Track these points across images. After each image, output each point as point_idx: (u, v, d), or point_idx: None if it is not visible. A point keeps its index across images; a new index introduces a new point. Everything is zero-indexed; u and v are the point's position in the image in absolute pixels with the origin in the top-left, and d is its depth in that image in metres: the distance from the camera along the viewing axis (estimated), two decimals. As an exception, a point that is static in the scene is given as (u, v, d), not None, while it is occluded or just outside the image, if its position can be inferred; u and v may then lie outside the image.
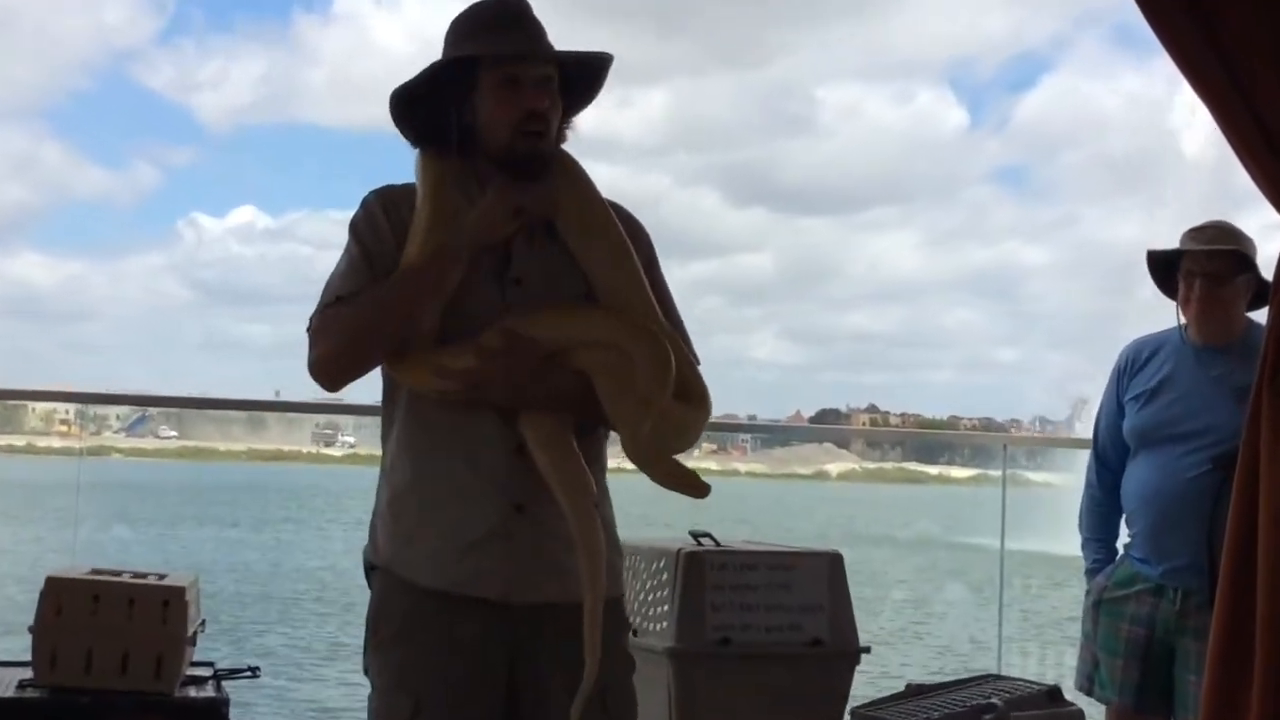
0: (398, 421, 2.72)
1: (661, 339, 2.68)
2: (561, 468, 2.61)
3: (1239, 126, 3.57)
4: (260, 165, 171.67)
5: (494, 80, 2.66)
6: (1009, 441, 7.31)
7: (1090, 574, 4.24)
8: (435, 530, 2.64)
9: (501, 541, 2.61)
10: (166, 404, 7.61)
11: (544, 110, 2.66)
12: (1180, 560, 3.98)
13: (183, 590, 3.09)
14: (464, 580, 2.61)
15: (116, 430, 28.13)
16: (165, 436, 33.70)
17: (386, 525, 2.71)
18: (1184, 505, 3.96)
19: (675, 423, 2.67)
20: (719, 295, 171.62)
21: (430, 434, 2.66)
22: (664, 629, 3.36)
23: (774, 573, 3.41)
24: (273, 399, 8.49)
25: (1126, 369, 4.21)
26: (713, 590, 3.36)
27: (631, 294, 2.72)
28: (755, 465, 37.92)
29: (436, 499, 2.65)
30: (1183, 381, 4.07)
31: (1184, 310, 4.12)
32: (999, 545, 5.80)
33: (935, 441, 37.08)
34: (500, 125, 2.66)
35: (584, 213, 2.75)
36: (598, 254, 2.72)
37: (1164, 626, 4.02)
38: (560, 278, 2.70)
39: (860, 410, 68.33)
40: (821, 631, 3.40)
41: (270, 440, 35.87)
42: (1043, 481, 10.05)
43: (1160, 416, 4.07)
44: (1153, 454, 4.07)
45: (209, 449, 36.57)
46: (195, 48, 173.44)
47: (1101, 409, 4.27)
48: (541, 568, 2.63)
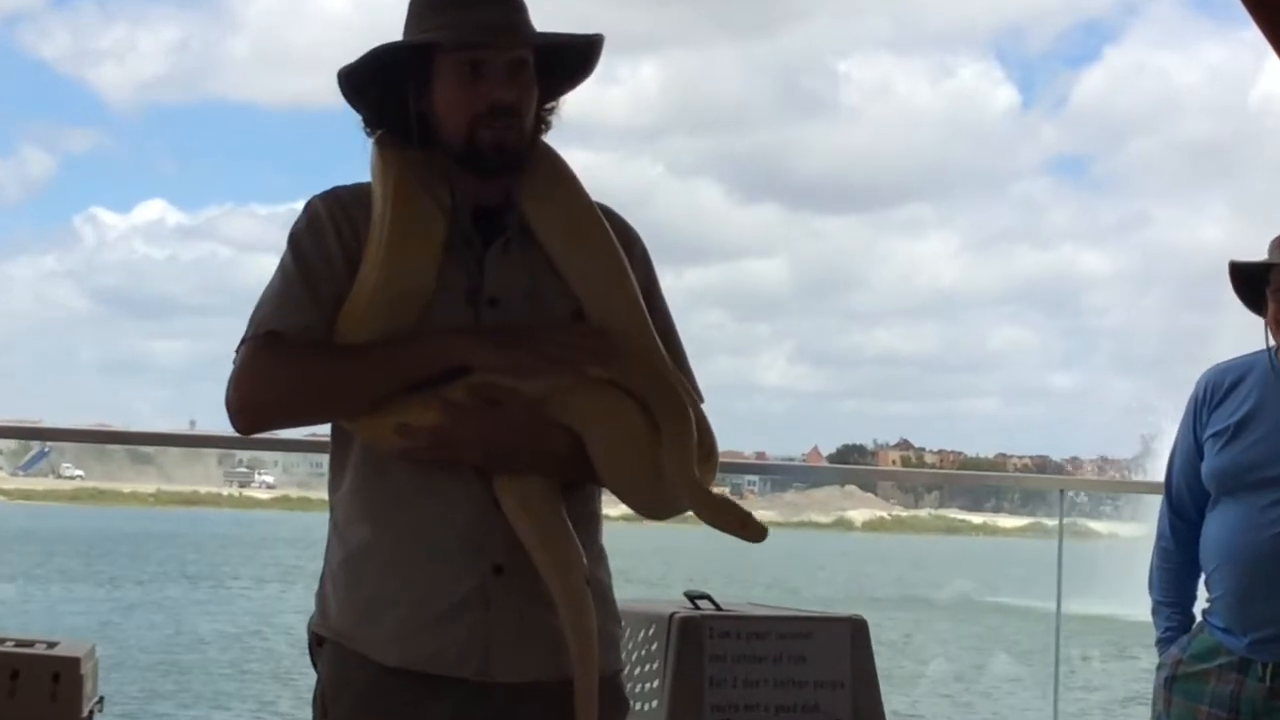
0: (351, 469, 2.70)
1: (668, 377, 2.69)
2: (547, 540, 2.60)
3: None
4: (173, 151, 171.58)
5: (454, 65, 2.65)
6: (1067, 485, 7.35)
7: (1162, 644, 4.25)
8: (400, 598, 2.62)
9: (478, 609, 2.60)
10: (53, 437, 7.60)
11: (511, 102, 2.65)
12: (1271, 630, 3.99)
13: (77, 661, 3.09)
14: (434, 656, 2.60)
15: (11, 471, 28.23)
16: (69, 475, 33.76)
17: (340, 591, 2.68)
18: (1275, 564, 3.97)
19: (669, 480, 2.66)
20: (722, 309, 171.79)
21: (391, 484, 2.64)
22: (654, 708, 3.37)
23: (785, 642, 3.42)
24: (186, 430, 8.51)
25: (1206, 400, 4.22)
26: (712, 662, 3.37)
27: (627, 319, 2.71)
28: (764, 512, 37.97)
29: (400, 561, 2.64)
30: (1273, 415, 4.09)
31: (1274, 331, 4.13)
32: (1055, 608, 5.82)
33: (979, 485, 37.15)
34: (459, 116, 2.65)
35: (570, 219, 2.75)
36: (586, 269, 2.72)
37: (1250, 708, 4.03)
38: (543, 296, 2.69)
39: (890, 447, 68.32)
40: (843, 712, 3.41)
41: (183, 480, 35.91)
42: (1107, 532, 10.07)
43: (1246, 457, 4.08)
44: (1238, 502, 4.08)
45: (111, 491, 36.55)
46: (96, 11, 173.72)
47: (1176, 448, 4.28)
48: (525, 639, 2.62)
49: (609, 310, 2.70)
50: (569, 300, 2.69)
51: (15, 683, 3.04)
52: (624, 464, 2.64)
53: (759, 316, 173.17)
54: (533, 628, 2.62)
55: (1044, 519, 10.81)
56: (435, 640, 2.60)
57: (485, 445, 2.58)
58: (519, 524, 2.58)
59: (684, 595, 3.57)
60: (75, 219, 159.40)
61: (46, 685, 3.05)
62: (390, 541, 2.64)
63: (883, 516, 43.49)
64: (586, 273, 2.71)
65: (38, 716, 3.02)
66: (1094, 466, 45.06)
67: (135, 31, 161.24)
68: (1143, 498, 4.89)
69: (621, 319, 2.70)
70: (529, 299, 2.67)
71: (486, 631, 2.60)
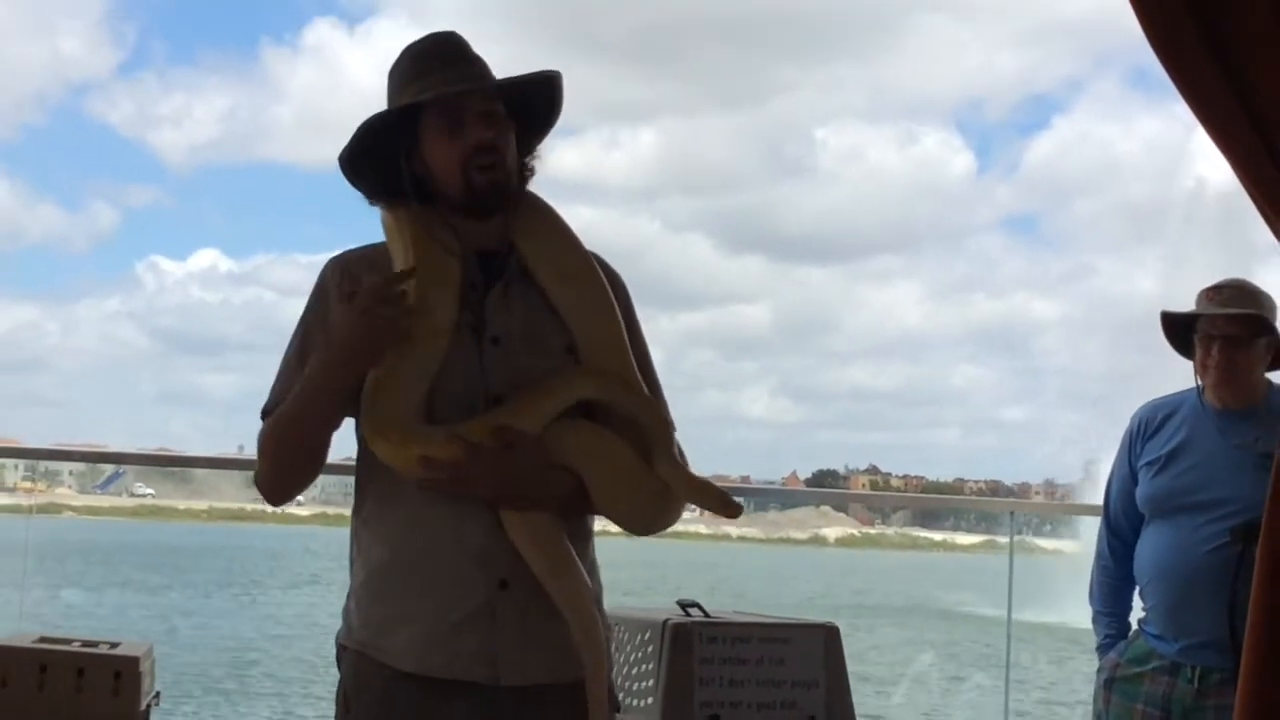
0: (371, 497, 2.71)
1: (646, 395, 2.70)
2: (555, 569, 2.60)
3: (1261, 180, 3.60)
4: (224, 206, 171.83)
5: (435, 123, 2.66)
6: (1016, 507, 7.35)
7: (1102, 650, 4.24)
8: (414, 614, 2.61)
9: (486, 620, 2.59)
10: (120, 460, 7.60)
11: (490, 141, 2.65)
12: (1198, 637, 3.98)
13: (136, 660, 3.08)
14: (447, 664, 2.58)
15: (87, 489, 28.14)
16: (140, 494, 33.70)
17: (362, 607, 2.68)
18: (1202, 578, 3.96)
19: (655, 495, 2.68)
20: (711, 348, 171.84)
21: (407, 509, 2.63)
22: (649, 705, 3.35)
23: (767, 646, 3.41)
24: (235, 454, 8.49)
25: (1140, 433, 4.22)
26: (701, 664, 3.36)
27: (612, 349, 2.72)
28: (748, 530, 37.90)
29: (415, 579, 2.62)
30: (1200, 447, 4.09)
31: (1201, 373, 4.13)
32: (1006, 616, 5.81)
33: (940, 506, 37.11)
34: (451, 166, 2.66)
35: (563, 258, 2.74)
36: (579, 306, 2.71)
37: (1180, 707, 4.02)
38: (542, 334, 2.69)
39: (860, 472, 68.26)
40: (817, 710, 3.40)
41: (231, 498, 35.83)
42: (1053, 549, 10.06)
43: (1176, 484, 4.08)
44: (1168, 524, 4.08)
45: (168, 508, 36.49)
46: (156, 81, 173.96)
47: (1113, 475, 4.28)
48: (530, 646, 2.60)
49: (597, 343, 2.71)
50: (563, 335, 2.70)
51: (81, 680, 3.03)
52: (616, 495, 2.65)
53: (744, 356, 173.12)
54: (536, 636, 2.61)
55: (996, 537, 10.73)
56: (448, 649, 2.59)
57: (498, 485, 2.57)
58: (528, 554, 2.58)
59: (676, 604, 3.56)
60: (137, 266, 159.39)
61: (109, 682, 3.04)
62: (406, 561, 2.63)
63: (853, 534, 43.35)
64: (579, 310, 2.71)
65: (101, 711, 3.01)
66: (1041, 490, 44.93)
67: (191, 100, 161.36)
68: (1084, 519, 4.89)
69: (608, 350, 2.71)
70: (526, 337, 2.67)
71: (494, 640, 2.59)
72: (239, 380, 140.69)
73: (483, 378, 2.63)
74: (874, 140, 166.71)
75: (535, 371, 2.65)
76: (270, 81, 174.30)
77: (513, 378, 2.64)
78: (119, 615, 23.50)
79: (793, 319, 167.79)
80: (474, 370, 2.63)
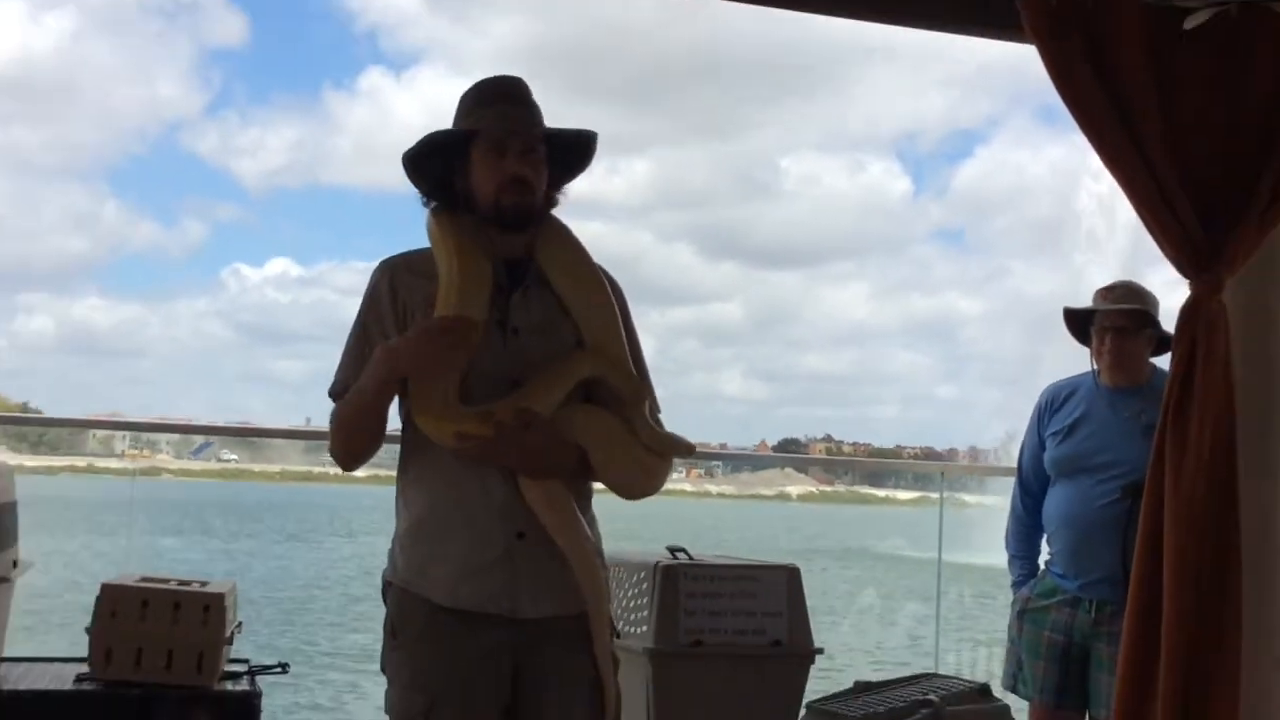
0: (413, 462, 2.71)
1: (634, 376, 2.72)
2: (565, 526, 2.62)
3: (1145, 199, 3.60)
4: (293, 222, 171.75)
5: (483, 149, 2.67)
6: (945, 469, 7.32)
7: (1016, 586, 4.24)
8: (448, 557, 2.63)
9: (506, 564, 2.61)
10: (208, 432, 7.58)
11: (524, 175, 2.66)
12: (1095, 575, 3.99)
13: (222, 596, 3.08)
14: (474, 599, 2.60)
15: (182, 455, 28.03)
16: (225, 460, 33.59)
17: (405, 550, 2.69)
18: (1098, 528, 3.97)
19: (646, 465, 2.69)
20: (694, 339, 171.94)
21: (442, 472, 2.64)
22: (644, 632, 3.36)
23: (740, 583, 3.41)
24: (303, 427, 8.46)
25: (1046, 408, 4.23)
26: (686, 598, 3.36)
27: (611, 341, 2.73)
28: (725, 488, 37.86)
29: (448, 529, 2.64)
30: (1096, 420, 4.09)
31: (1096, 359, 4.14)
32: (937, 558, 5.81)
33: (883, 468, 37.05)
34: (487, 187, 2.66)
35: (575, 268, 2.75)
36: (585, 308, 2.73)
37: (1080, 633, 4.02)
38: (552, 326, 2.70)
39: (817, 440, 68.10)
40: (781, 634, 3.40)
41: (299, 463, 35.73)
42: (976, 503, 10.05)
43: (1076, 450, 4.08)
44: (1070, 482, 4.09)
45: (248, 470, 36.36)
46: (237, 118, 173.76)
47: (1025, 443, 4.28)
48: (541, 586, 2.62)
49: (600, 337, 2.72)
50: (572, 330, 2.71)
51: (177, 613, 3.02)
52: (611, 467, 2.67)
53: (722, 345, 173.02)
54: (546, 577, 2.62)
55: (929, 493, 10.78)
56: (476, 587, 2.60)
57: (519, 457, 2.58)
58: (542, 514, 2.60)
59: (666, 549, 3.56)
60: (222, 272, 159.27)
61: (200, 615, 3.03)
62: (442, 514, 2.64)
63: (812, 491, 43.24)
64: (586, 310, 2.73)
65: (193, 639, 3.01)
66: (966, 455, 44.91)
67: (265, 133, 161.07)
68: (1001, 478, 4.89)
69: (608, 342, 2.72)
70: (541, 331, 2.68)
71: (513, 580, 2.60)
72: (306, 366, 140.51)
73: (506, 362, 2.64)
74: (828, 168, 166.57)
75: (548, 359, 2.66)
76: (331, 118, 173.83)
77: (529, 363, 2.65)
78: (207, 559, 23.47)
79: (762, 314, 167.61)
80: (499, 356, 2.64)
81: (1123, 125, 3.58)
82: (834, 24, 4.39)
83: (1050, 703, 4.08)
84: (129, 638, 2.99)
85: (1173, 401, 3.57)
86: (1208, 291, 3.59)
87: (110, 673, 2.98)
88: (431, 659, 2.61)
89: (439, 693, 2.59)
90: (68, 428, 7.58)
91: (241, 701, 2.98)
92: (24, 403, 51.37)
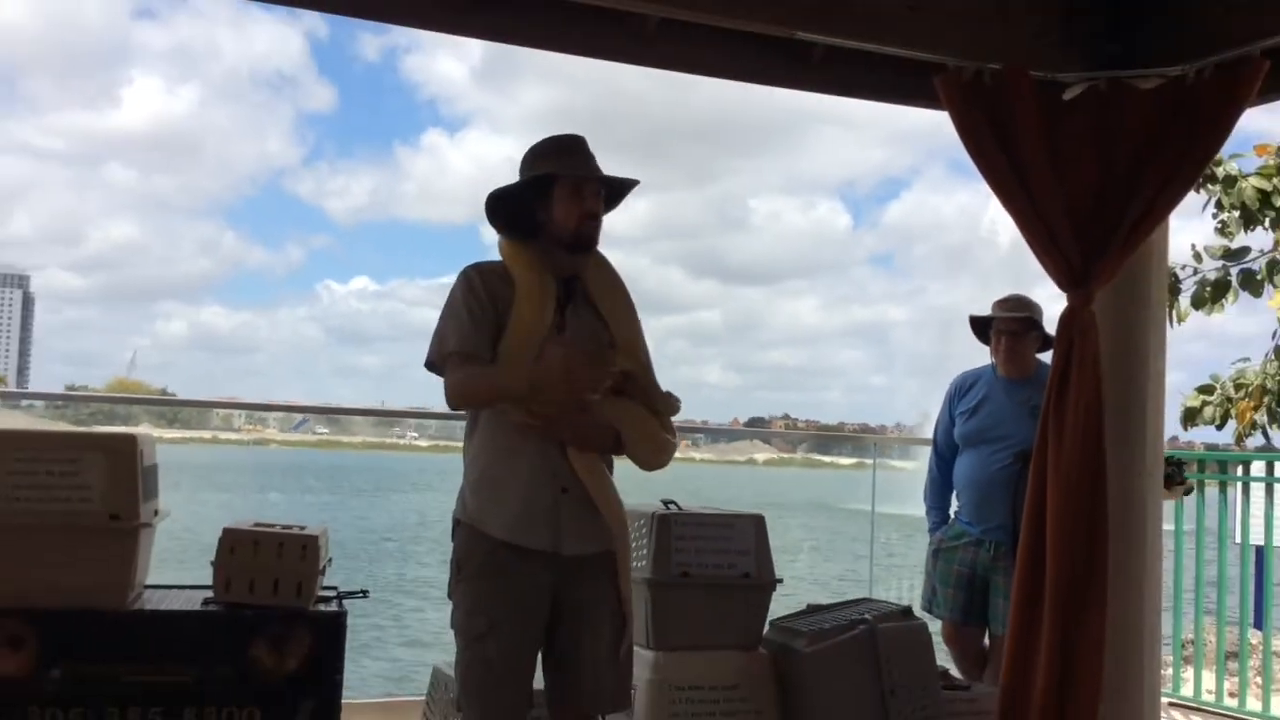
0: (479, 430, 2.72)
1: (655, 382, 2.77)
2: (602, 488, 2.66)
3: (1033, 231, 3.60)
4: (372, 248, 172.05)
5: (565, 190, 2.67)
6: (878, 441, 7.33)
7: (931, 531, 4.26)
8: (508, 502, 2.64)
9: (552, 512, 2.63)
10: (305, 410, 7.58)
11: (598, 211, 2.69)
12: (993, 523, 4.00)
13: (316, 538, 3.08)
14: (527, 537, 2.62)
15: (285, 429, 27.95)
16: (319, 433, 33.54)
17: (475, 494, 2.70)
18: (995, 486, 3.98)
19: (664, 444, 2.76)
20: (683, 340, 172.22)
21: (507, 436, 2.66)
22: (644, 565, 3.36)
23: (718, 529, 3.41)
24: (378, 407, 8.44)
25: (956, 393, 4.23)
26: (676, 540, 3.36)
27: (637, 345, 2.76)
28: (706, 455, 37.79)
29: (509, 482, 2.65)
30: (994, 403, 4.10)
31: (994, 355, 4.15)
32: (870, 510, 5.81)
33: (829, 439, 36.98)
34: (569, 219, 2.67)
35: (613, 291, 2.79)
36: (619, 320, 2.76)
37: (982, 567, 4.04)
38: (593, 331, 2.71)
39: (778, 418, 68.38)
40: (750, 568, 3.40)
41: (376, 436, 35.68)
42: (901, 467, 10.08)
43: (979, 426, 4.10)
44: (974, 451, 4.10)
45: (335, 441, 36.36)
46: (328, 167, 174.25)
47: (939, 420, 4.29)
48: (578, 530, 2.64)
49: (628, 341, 2.75)
50: (607, 334, 2.72)
51: (282, 550, 3.02)
52: (638, 446, 2.70)
53: (705, 345, 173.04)
54: (584, 523, 2.64)
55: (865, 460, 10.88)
56: (529, 528, 2.62)
57: (571, 433, 2.61)
58: (585, 478, 2.63)
59: (660, 502, 3.56)
60: (316, 287, 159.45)
61: (299, 552, 3.03)
62: (504, 470, 2.66)
63: (775, 458, 43.22)
64: (619, 322, 2.76)
65: (294, 570, 3.01)
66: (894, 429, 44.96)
67: (349, 180, 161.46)
68: (921, 448, 4.90)
69: (634, 345, 2.75)
70: (585, 334, 2.69)
71: (558, 525, 2.62)
72: (381, 361, 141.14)
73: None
74: (786, 206, 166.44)
75: None
76: (400, 168, 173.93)
77: None
78: (304, 509, 23.46)
79: (736, 321, 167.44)
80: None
81: (1015, 174, 3.58)
82: (795, 95, 4.39)
83: (958, 620, 4.09)
84: (244, 570, 2.99)
85: (1054, 389, 3.57)
86: (1082, 303, 3.59)
87: (229, 597, 2.99)
88: (491, 588, 2.62)
89: (497, 616, 2.60)
90: (197, 408, 7.58)
91: (331, 620, 2.98)
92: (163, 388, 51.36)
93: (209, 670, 2.85)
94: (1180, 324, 6.69)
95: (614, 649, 2.64)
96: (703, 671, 3.28)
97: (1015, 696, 3.51)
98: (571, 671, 2.65)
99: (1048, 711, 3.45)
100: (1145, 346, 3.79)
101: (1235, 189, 6.48)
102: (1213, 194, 6.59)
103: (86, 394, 12.63)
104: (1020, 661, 3.52)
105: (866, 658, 3.34)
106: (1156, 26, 3.71)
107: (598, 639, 2.63)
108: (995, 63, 3.59)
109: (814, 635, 3.36)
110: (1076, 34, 3.77)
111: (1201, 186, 6.40)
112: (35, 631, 2.78)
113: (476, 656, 2.60)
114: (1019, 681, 3.51)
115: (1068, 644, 3.46)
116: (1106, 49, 3.74)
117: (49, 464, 2.86)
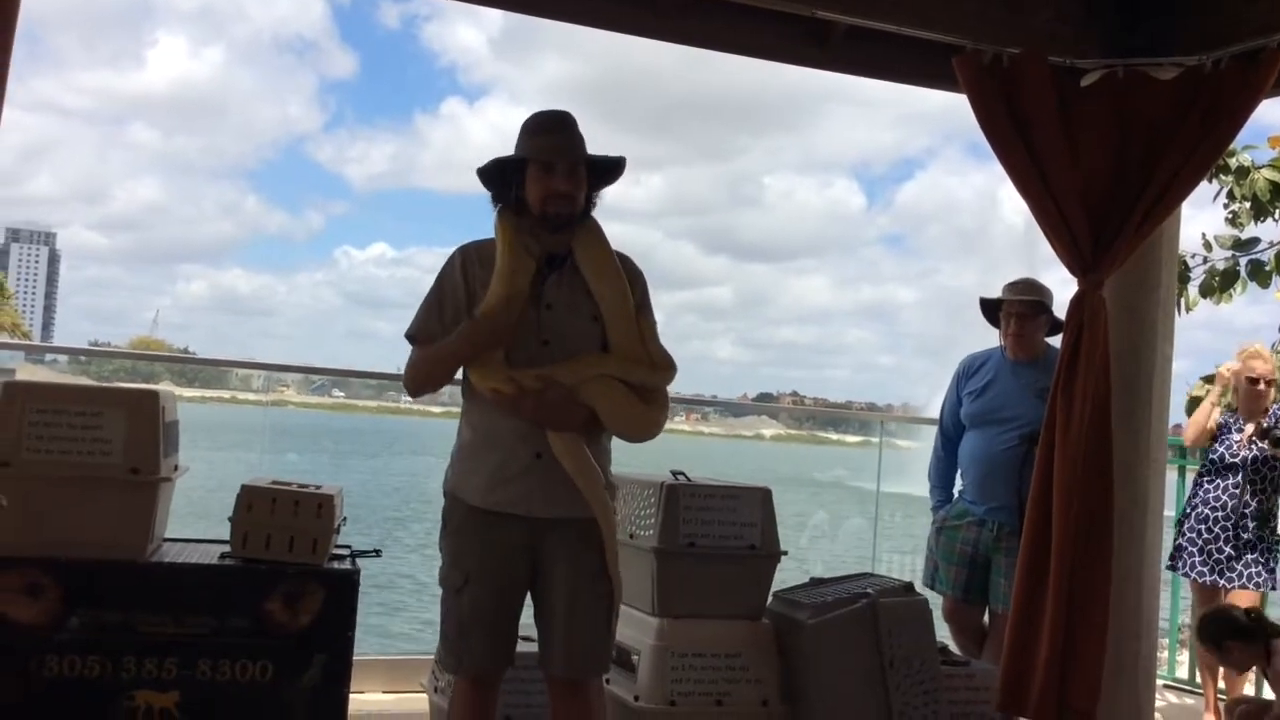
0: (468, 399, 2.75)
1: (638, 366, 2.70)
2: (581, 467, 2.63)
3: (1046, 215, 3.58)
4: (390, 215, 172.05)
5: (535, 169, 2.68)
6: (884, 419, 7.32)
7: (935, 509, 4.25)
8: (484, 469, 2.66)
9: (525, 477, 2.64)
10: (322, 373, 7.58)
11: (565, 191, 2.66)
12: (996, 503, 3.99)
13: (331, 497, 3.09)
14: (502, 502, 2.64)
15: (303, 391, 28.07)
16: (335, 396, 33.63)
17: (455, 465, 2.73)
18: (1000, 467, 3.97)
19: (643, 420, 2.70)
20: (694, 315, 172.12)
21: (485, 409, 2.68)
22: (651, 535, 3.36)
23: (725, 500, 3.41)
24: (394, 372, 8.44)
25: (963, 374, 4.22)
26: (684, 510, 3.36)
27: (623, 318, 2.72)
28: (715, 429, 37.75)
29: (484, 450, 2.67)
30: (1002, 384, 4.09)
31: (1003, 337, 4.13)
32: (875, 488, 5.81)
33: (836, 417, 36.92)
34: (536, 198, 2.67)
35: (599, 260, 2.74)
36: (605, 292, 2.72)
37: (984, 546, 4.03)
38: (577, 305, 2.70)
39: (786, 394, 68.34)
40: (755, 540, 3.40)
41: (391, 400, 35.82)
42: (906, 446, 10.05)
43: (986, 407, 4.08)
44: (980, 431, 4.08)
45: (351, 404, 36.48)
46: (348, 134, 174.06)
47: (946, 400, 4.28)
48: (552, 494, 2.64)
49: (614, 315, 2.71)
50: (592, 308, 2.71)
51: (297, 508, 3.04)
52: (616, 420, 2.67)
53: (715, 320, 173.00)
54: (556, 487, 2.64)
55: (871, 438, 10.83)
56: (505, 492, 2.64)
57: (541, 414, 2.61)
58: (563, 458, 2.62)
59: (670, 472, 3.56)
60: (335, 252, 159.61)
61: (315, 510, 3.05)
62: (480, 438, 2.68)
63: (782, 433, 43.21)
64: (604, 294, 2.72)
65: (310, 527, 3.03)
66: (900, 408, 44.90)
67: (369, 147, 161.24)
68: (927, 427, 4.88)
69: (620, 320, 2.71)
70: (567, 306, 2.68)
71: (532, 488, 2.64)
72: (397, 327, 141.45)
73: (537, 329, 2.66)
74: (801, 185, 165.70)
75: (570, 328, 2.68)
76: (419, 136, 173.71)
77: (555, 329, 2.67)
78: (320, 469, 23.55)
79: (746, 297, 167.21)
80: (533, 324, 2.66)
81: (1030, 158, 3.55)
82: (811, 74, 4.36)
83: (959, 597, 4.09)
84: (261, 526, 3.01)
85: (1063, 373, 3.56)
86: (1092, 288, 3.58)
87: (245, 552, 3.01)
88: (467, 546, 2.66)
89: (471, 571, 2.64)
90: (217, 367, 7.60)
91: (345, 576, 3.00)
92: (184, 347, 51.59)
93: (224, 623, 2.88)
94: (1189, 312, 6.66)
95: (591, 614, 2.65)
96: (706, 639, 3.29)
97: (1017, 674, 3.52)
98: (545, 633, 2.69)
99: (1049, 690, 3.45)
100: (1154, 332, 3.78)
101: (1248, 180, 6.44)
102: (1225, 184, 6.54)
103: (109, 350, 12.65)
104: (1023, 640, 3.52)
105: (867, 631, 3.35)
106: (1175, 16, 3.68)
107: (574, 603, 2.64)
108: (1014, 47, 3.56)
109: (816, 607, 3.37)
110: (1096, 21, 3.74)
111: (1214, 176, 6.35)
112: (55, 580, 2.81)
113: (451, 609, 2.66)
114: (1021, 660, 3.51)
115: (1071, 624, 3.46)
116: (1125, 37, 3.71)
117: (72, 417, 2.87)
